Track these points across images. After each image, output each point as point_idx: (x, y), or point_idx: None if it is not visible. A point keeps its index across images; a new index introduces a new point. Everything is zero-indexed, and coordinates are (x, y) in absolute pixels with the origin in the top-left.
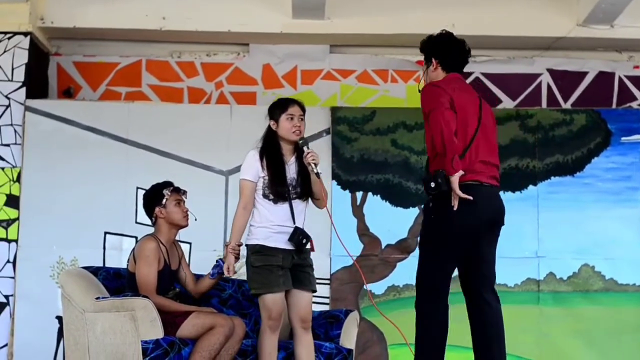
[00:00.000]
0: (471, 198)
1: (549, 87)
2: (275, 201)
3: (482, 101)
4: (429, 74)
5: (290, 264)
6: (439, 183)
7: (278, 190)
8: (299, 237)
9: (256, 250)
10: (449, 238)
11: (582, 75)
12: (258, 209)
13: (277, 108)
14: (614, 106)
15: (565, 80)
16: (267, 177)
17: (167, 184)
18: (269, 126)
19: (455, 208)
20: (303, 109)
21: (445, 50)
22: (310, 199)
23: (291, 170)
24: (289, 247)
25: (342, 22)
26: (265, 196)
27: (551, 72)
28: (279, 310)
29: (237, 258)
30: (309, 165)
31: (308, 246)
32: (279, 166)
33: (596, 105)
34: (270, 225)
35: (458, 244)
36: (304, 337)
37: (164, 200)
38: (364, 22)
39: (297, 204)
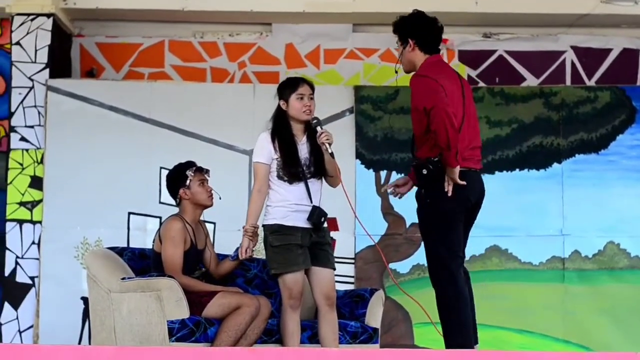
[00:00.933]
0: (465, 183)
1: (573, 64)
2: (290, 182)
3: (462, 82)
4: (405, 55)
5: (309, 243)
6: (431, 170)
7: (292, 171)
8: (318, 215)
9: (274, 230)
10: (448, 216)
11: (606, 52)
12: (274, 190)
13: (287, 88)
14: (638, 83)
15: (589, 57)
16: (280, 159)
17: (190, 164)
18: (279, 106)
19: (449, 194)
20: (312, 88)
21: (422, 30)
22: (324, 178)
23: (303, 150)
24: (307, 225)
25: (365, 0)
26: (280, 177)
27: (575, 49)
28: (299, 289)
29: (253, 241)
30: (323, 145)
31: (325, 225)
32: (291, 147)
33: (620, 82)
34: (288, 204)
35: (457, 217)
36: (329, 316)
37: (188, 181)
38: (387, 0)
39: (313, 182)
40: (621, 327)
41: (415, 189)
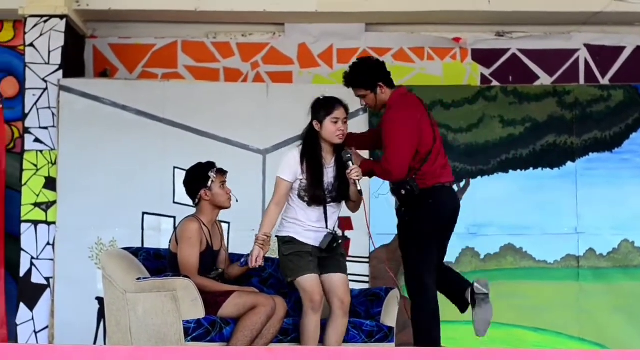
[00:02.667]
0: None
1: (586, 62)
2: (309, 204)
3: (426, 107)
4: (378, 98)
5: (320, 254)
6: (409, 189)
7: (315, 194)
8: (330, 242)
9: (287, 241)
10: (424, 235)
11: (620, 50)
12: (292, 206)
13: (322, 109)
14: None
15: (603, 55)
16: (305, 180)
17: (211, 165)
18: (312, 125)
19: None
20: (347, 111)
21: (384, 71)
22: (345, 202)
23: (329, 174)
24: (318, 244)
25: (378, 0)
26: (300, 197)
27: (588, 47)
28: (318, 291)
29: (264, 250)
30: (352, 180)
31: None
32: (318, 172)
33: (634, 80)
34: (303, 224)
35: (433, 236)
36: (340, 320)
37: (210, 182)
38: None
39: (331, 207)
40: (636, 325)
41: None
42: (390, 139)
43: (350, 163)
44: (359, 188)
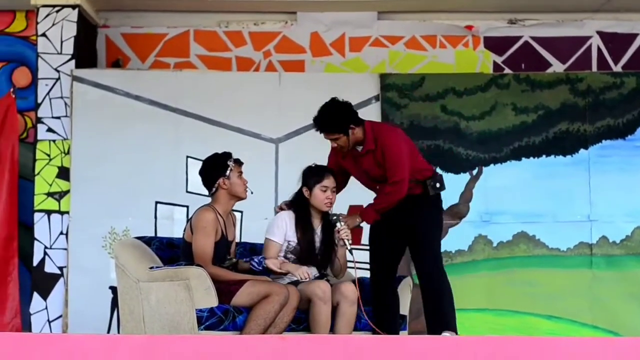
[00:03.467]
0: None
1: (599, 49)
2: (294, 262)
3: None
4: (351, 139)
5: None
6: (441, 183)
7: (302, 260)
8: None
9: None
10: (371, 234)
11: (632, 37)
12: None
13: (312, 177)
14: None
15: (615, 42)
16: (292, 243)
17: (230, 155)
18: (301, 192)
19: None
20: (336, 180)
21: (354, 113)
22: (329, 267)
23: (316, 239)
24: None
25: None
26: (285, 257)
27: (601, 34)
28: (325, 287)
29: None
30: (341, 241)
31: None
32: (310, 241)
33: None
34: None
35: (376, 237)
36: (347, 310)
37: (228, 171)
38: None
39: (313, 270)
40: None
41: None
42: (396, 156)
43: (338, 224)
44: (348, 248)
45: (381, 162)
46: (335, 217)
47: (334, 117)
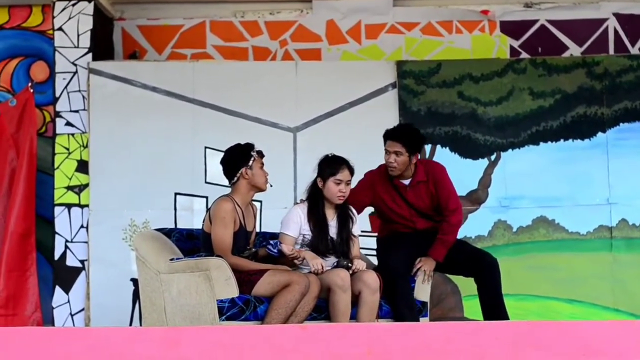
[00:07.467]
0: None
1: (615, 32)
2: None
3: None
4: (412, 162)
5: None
6: None
7: (319, 248)
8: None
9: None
10: None
11: None
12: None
13: (328, 168)
14: None
15: (632, 24)
16: (307, 236)
17: (252, 146)
18: (315, 182)
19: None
20: (352, 173)
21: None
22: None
23: (331, 230)
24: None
25: None
26: (302, 247)
27: (617, 16)
28: (343, 275)
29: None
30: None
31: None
32: (323, 231)
33: None
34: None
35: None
36: (370, 298)
37: (251, 162)
38: None
39: (330, 258)
40: None
41: None
42: (450, 185)
43: (349, 265)
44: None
45: (434, 192)
46: (344, 263)
47: (415, 134)
